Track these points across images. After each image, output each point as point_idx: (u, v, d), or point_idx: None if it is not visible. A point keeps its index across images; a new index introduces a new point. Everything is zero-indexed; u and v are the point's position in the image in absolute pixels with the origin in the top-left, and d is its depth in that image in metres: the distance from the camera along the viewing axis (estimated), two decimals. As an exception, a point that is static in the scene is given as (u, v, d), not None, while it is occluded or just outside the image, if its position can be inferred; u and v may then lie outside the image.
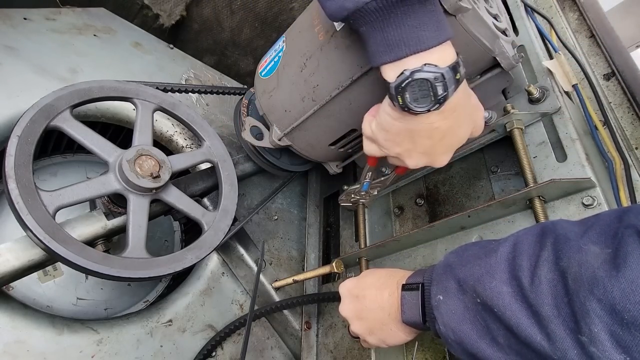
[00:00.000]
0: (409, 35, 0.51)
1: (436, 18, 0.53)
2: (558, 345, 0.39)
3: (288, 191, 1.39)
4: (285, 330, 1.14)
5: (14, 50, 1.03)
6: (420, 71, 0.52)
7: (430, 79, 0.52)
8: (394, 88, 0.54)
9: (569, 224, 0.45)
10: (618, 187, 0.69)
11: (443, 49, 0.54)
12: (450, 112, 0.58)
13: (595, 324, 0.36)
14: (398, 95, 0.54)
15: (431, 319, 0.54)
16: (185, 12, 1.36)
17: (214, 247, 0.85)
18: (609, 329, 0.35)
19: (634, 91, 0.85)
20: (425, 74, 0.52)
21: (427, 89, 0.53)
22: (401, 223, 1.05)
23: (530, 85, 0.76)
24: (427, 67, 0.52)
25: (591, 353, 0.37)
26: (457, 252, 0.56)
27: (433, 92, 0.53)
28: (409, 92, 0.54)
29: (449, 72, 0.53)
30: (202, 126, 0.97)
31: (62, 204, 0.70)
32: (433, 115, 0.57)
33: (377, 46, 0.54)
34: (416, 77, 0.52)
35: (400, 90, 0.54)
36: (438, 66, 0.53)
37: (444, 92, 0.54)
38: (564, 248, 0.42)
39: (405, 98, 0.54)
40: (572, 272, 0.39)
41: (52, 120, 0.75)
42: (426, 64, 0.52)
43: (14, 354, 0.81)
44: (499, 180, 0.86)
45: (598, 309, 0.36)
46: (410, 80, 0.53)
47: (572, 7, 1.01)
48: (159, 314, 1.01)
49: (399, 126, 0.61)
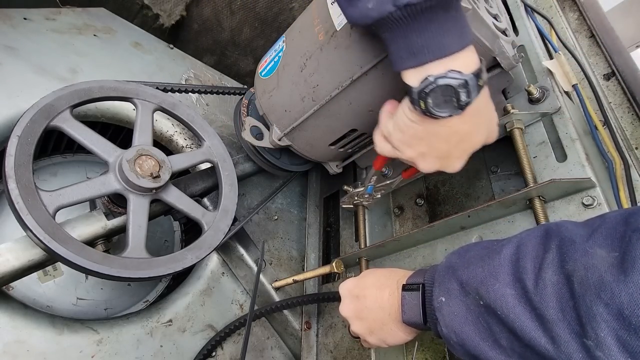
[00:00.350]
0: (432, 41, 0.51)
1: (460, 24, 0.53)
2: (563, 349, 0.39)
3: (288, 191, 1.40)
4: (285, 330, 1.14)
5: (14, 50, 1.03)
6: (445, 77, 0.52)
7: (455, 85, 0.52)
8: (417, 93, 0.54)
9: (573, 225, 0.45)
10: (618, 187, 0.69)
11: (466, 55, 0.54)
12: (470, 116, 0.58)
13: (601, 328, 0.36)
14: (421, 100, 0.54)
15: (433, 321, 0.54)
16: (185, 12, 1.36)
17: (214, 247, 0.85)
18: (616, 333, 0.35)
19: (634, 91, 0.85)
20: (450, 80, 0.52)
21: (451, 94, 0.53)
22: (401, 223, 1.05)
23: (530, 85, 0.76)
24: (451, 73, 0.52)
25: (597, 357, 0.36)
26: (459, 253, 0.56)
27: (456, 97, 0.54)
28: (432, 97, 0.54)
29: (473, 79, 0.53)
30: (202, 126, 0.97)
31: (62, 204, 0.70)
32: (454, 119, 0.57)
33: (400, 52, 0.54)
34: (440, 83, 0.52)
35: (424, 96, 0.54)
36: (462, 72, 0.53)
37: (467, 99, 0.54)
38: (569, 251, 0.41)
39: (428, 103, 0.54)
40: (578, 275, 0.39)
41: (52, 120, 0.75)
42: (450, 70, 0.52)
43: (14, 354, 0.81)
44: (499, 180, 0.86)
45: (605, 314, 0.36)
46: (435, 87, 0.53)
47: (572, 7, 1.01)
48: (159, 314, 1.01)
49: (417, 129, 0.61)
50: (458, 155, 0.65)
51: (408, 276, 0.62)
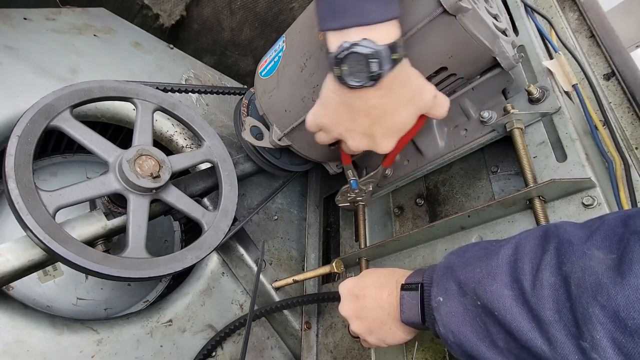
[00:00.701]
0: (354, 5, 0.53)
1: None
2: (559, 350, 0.39)
3: (288, 191, 1.40)
4: (285, 330, 1.14)
5: (14, 50, 1.03)
6: (358, 45, 0.54)
7: (366, 54, 0.54)
8: (333, 58, 0.56)
9: (572, 227, 0.45)
10: (618, 187, 0.69)
11: (387, 27, 0.54)
12: (387, 90, 0.59)
13: (597, 330, 0.36)
14: (336, 66, 0.56)
15: (431, 320, 0.54)
16: (185, 12, 1.36)
17: (214, 247, 0.85)
18: (612, 336, 0.35)
19: (634, 91, 0.85)
20: (361, 49, 0.54)
21: (362, 64, 0.54)
22: (401, 223, 1.05)
23: (530, 85, 0.76)
24: (365, 42, 0.54)
25: (593, 359, 0.36)
26: (458, 253, 0.56)
27: (368, 67, 0.55)
28: (347, 65, 0.55)
29: (386, 50, 0.54)
30: (202, 126, 0.97)
31: (62, 204, 0.70)
32: (369, 91, 0.58)
33: (325, 10, 0.55)
34: (353, 50, 0.54)
35: (339, 61, 0.55)
36: (376, 42, 0.54)
37: (379, 70, 0.55)
38: (567, 252, 0.41)
39: (343, 70, 0.56)
40: (575, 277, 0.39)
41: (52, 120, 0.75)
42: (364, 39, 0.54)
43: (14, 354, 0.81)
44: (499, 180, 0.86)
45: (601, 316, 0.36)
46: (348, 53, 0.54)
47: (572, 7, 1.01)
48: (159, 314, 1.01)
49: (337, 100, 0.63)
50: (383, 134, 0.66)
51: (407, 276, 0.62)
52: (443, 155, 0.87)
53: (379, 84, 0.57)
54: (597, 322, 0.36)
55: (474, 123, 0.83)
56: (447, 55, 0.69)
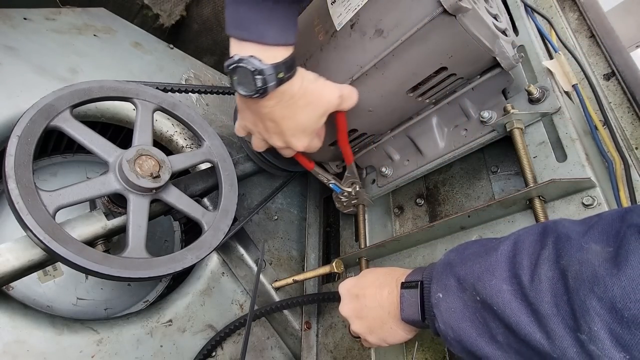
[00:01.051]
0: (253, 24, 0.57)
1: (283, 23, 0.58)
2: (557, 344, 0.39)
3: (288, 191, 1.40)
4: (285, 330, 1.14)
5: (14, 50, 1.03)
6: (245, 60, 0.58)
7: (250, 70, 0.58)
8: (226, 67, 0.60)
9: (570, 223, 0.45)
10: (618, 187, 0.69)
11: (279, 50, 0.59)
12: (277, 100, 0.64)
13: (595, 322, 0.36)
14: (228, 74, 0.60)
15: (430, 317, 0.54)
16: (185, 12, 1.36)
17: (214, 247, 0.85)
18: (609, 327, 0.35)
19: (634, 91, 0.85)
20: (247, 65, 0.58)
21: (249, 78, 0.59)
22: (401, 223, 1.05)
23: (530, 85, 0.76)
24: (252, 59, 0.58)
25: (590, 351, 0.37)
26: (458, 250, 0.56)
27: (253, 82, 0.59)
28: (237, 76, 0.59)
29: (270, 69, 0.58)
30: (202, 126, 0.97)
31: (62, 204, 0.70)
32: (261, 100, 0.63)
33: (231, 18, 0.58)
34: (240, 64, 0.58)
35: (230, 71, 0.60)
36: (263, 62, 0.58)
37: (263, 85, 0.59)
38: (565, 246, 0.42)
39: (234, 80, 0.60)
40: (572, 270, 0.39)
41: (52, 120, 0.75)
42: (252, 56, 0.58)
43: (14, 354, 0.81)
44: (499, 180, 0.86)
45: (598, 307, 0.36)
46: (236, 66, 0.58)
47: (572, 7, 1.01)
48: (159, 314, 1.01)
49: (243, 106, 0.69)
50: (291, 134, 0.70)
51: (407, 274, 0.62)
52: (443, 155, 0.87)
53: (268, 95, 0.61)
54: (594, 314, 0.36)
55: (474, 123, 0.83)
56: (447, 55, 0.69)
